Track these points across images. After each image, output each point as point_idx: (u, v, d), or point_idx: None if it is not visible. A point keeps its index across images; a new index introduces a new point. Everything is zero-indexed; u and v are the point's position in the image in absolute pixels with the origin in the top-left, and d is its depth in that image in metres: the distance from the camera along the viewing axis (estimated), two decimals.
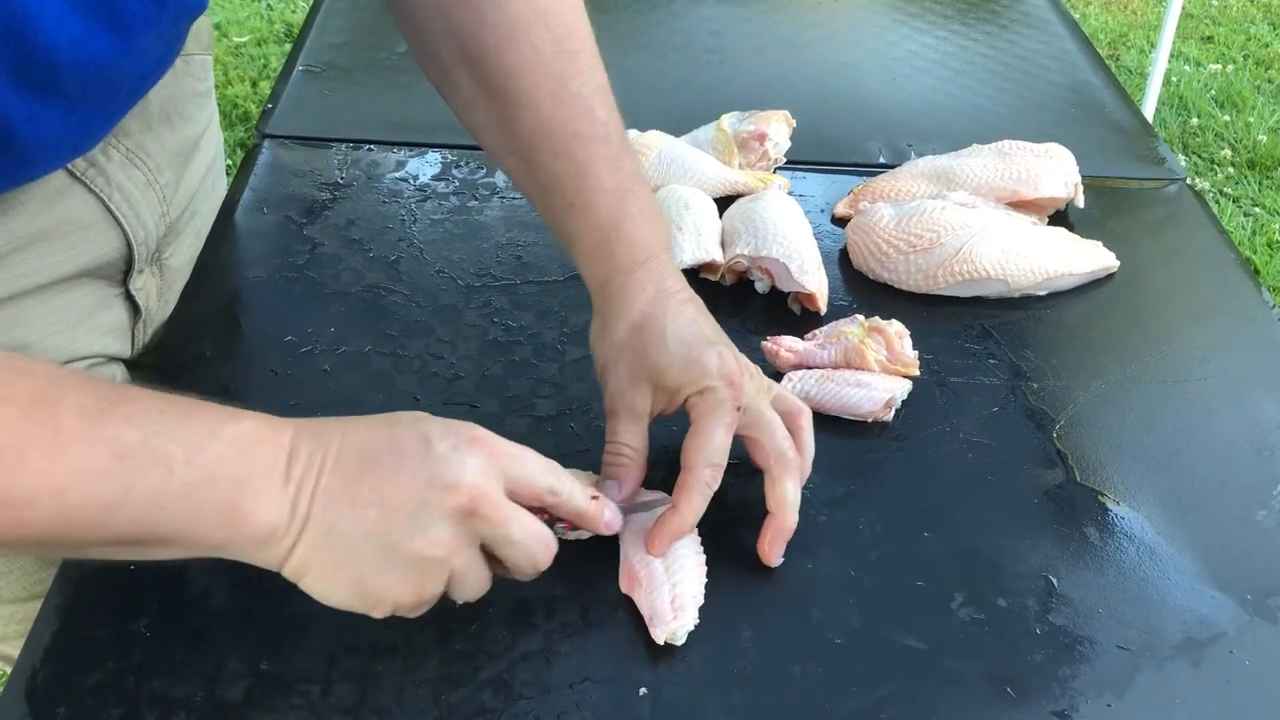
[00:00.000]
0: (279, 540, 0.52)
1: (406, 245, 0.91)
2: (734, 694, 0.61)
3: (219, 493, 0.50)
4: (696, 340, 0.65)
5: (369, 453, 0.54)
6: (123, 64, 0.64)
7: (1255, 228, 2.60)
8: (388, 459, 0.54)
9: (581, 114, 0.68)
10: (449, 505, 0.54)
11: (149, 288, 0.82)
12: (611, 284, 0.67)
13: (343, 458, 0.53)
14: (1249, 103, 3.01)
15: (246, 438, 0.52)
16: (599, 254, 0.68)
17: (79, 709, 0.58)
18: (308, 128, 1.04)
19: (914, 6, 1.33)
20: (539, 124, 0.68)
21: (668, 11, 1.28)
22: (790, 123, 1.01)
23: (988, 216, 0.89)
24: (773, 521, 0.67)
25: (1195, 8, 3.46)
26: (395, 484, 0.53)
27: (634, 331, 0.66)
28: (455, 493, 0.54)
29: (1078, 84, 1.19)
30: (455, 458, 0.54)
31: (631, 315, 0.66)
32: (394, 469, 0.54)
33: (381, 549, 0.53)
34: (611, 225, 0.68)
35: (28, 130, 0.60)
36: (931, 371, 0.81)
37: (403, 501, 0.53)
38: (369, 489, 0.53)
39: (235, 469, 0.51)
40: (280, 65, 2.93)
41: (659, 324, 0.65)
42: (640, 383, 0.66)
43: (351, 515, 0.53)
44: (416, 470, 0.54)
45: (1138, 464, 0.76)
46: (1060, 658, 0.64)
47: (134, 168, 0.75)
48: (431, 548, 0.54)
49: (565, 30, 0.68)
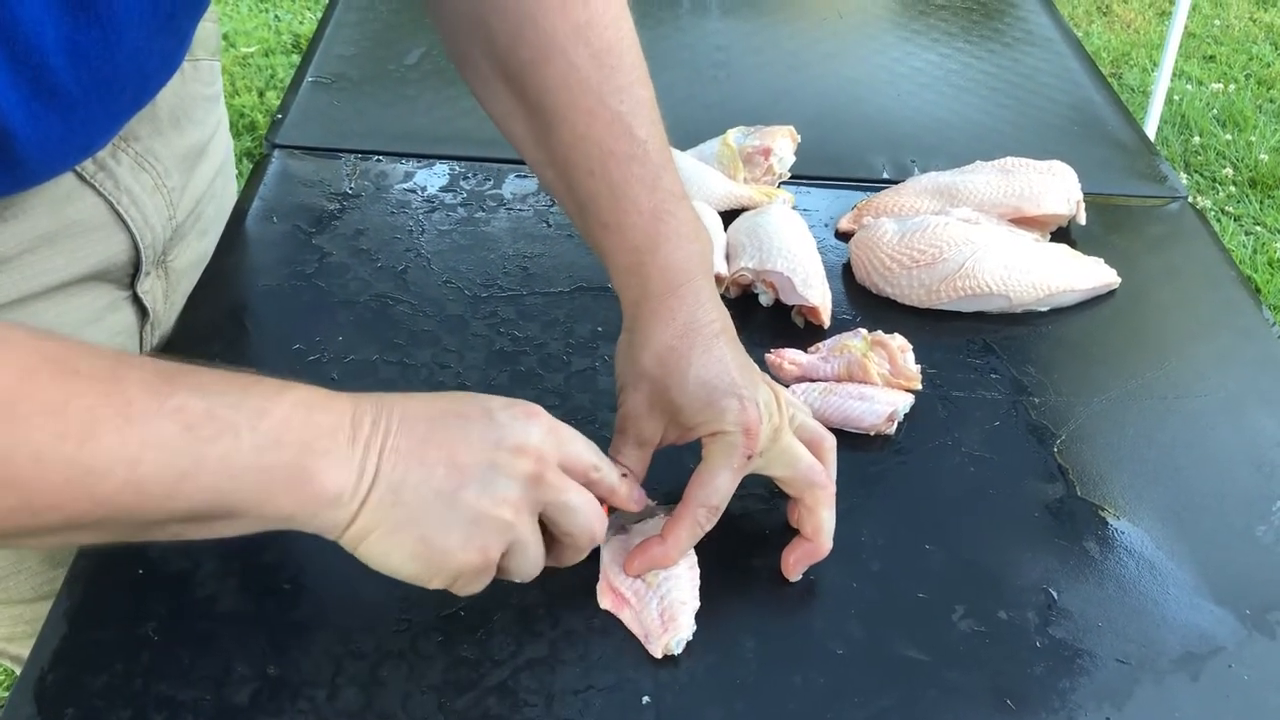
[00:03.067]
0: (346, 502, 0.52)
1: (414, 255, 0.92)
2: (736, 703, 0.61)
3: (287, 456, 0.51)
4: (719, 383, 0.64)
5: (434, 416, 0.55)
6: (118, 60, 0.63)
7: (1256, 246, 2.61)
8: (455, 422, 0.55)
9: (619, 132, 0.67)
10: (517, 468, 0.55)
11: (155, 290, 0.82)
12: (643, 308, 0.67)
13: (407, 420, 0.54)
14: (1251, 122, 3.02)
15: (308, 403, 0.52)
16: (632, 276, 0.67)
17: (87, 710, 0.59)
18: (317, 138, 1.05)
19: (918, 24, 1.34)
20: (575, 141, 0.67)
21: (674, 27, 1.29)
22: (795, 138, 1.02)
23: (990, 232, 0.90)
24: (806, 546, 0.67)
25: (1198, 27, 3.47)
26: (464, 445, 0.55)
27: (658, 362, 0.65)
28: (523, 456, 0.55)
29: (1080, 102, 1.20)
30: (519, 425, 0.56)
31: (658, 345, 0.65)
32: (461, 431, 0.55)
33: (449, 506, 0.54)
34: (646, 249, 0.67)
35: (28, 130, 0.60)
36: (934, 385, 0.82)
37: (472, 462, 0.54)
38: (436, 449, 0.54)
39: (301, 433, 0.51)
40: (287, 76, 2.95)
41: (683, 360, 0.65)
42: (655, 413, 0.66)
43: (420, 472, 0.53)
44: (484, 434, 0.55)
45: (1138, 479, 0.77)
46: (1060, 670, 0.64)
47: (142, 171, 0.76)
48: (498, 507, 0.55)
49: (605, 45, 0.67)
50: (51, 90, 0.59)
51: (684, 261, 0.67)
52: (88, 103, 0.63)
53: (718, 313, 0.67)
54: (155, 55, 0.69)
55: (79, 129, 0.65)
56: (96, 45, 0.60)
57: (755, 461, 0.65)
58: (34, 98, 0.59)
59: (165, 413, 0.48)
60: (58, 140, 0.64)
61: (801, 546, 0.67)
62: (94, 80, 0.62)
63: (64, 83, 0.60)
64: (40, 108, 0.60)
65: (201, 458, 0.48)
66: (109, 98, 0.66)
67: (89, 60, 0.60)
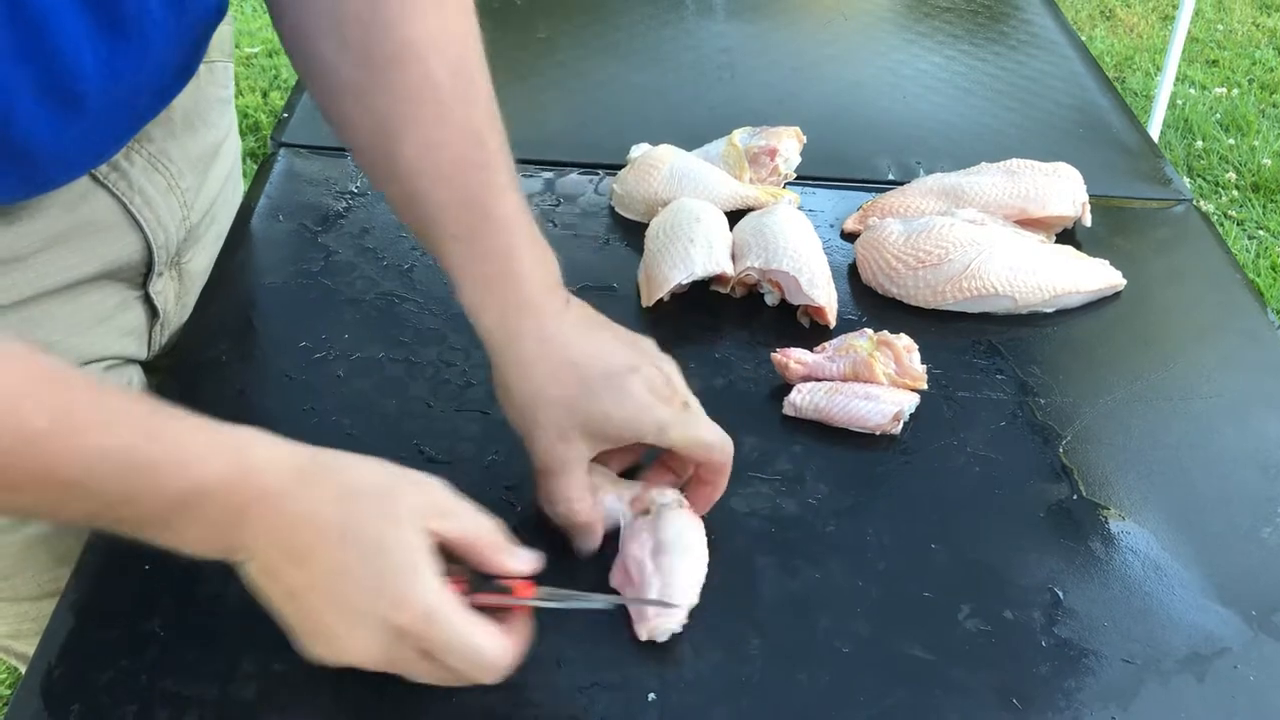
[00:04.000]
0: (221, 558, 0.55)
1: (420, 254, 0.92)
2: (742, 701, 0.61)
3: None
4: (631, 382, 0.63)
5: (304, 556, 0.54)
6: (144, 73, 0.65)
7: (1259, 251, 2.61)
8: (324, 580, 0.54)
9: (471, 141, 0.64)
10: (349, 656, 0.55)
11: (167, 291, 0.83)
12: (508, 323, 0.63)
13: (286, 544, 0.54)
14: (1254, 126, 3.02)
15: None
16: (489, 289, 0.64)
17: (93, 706, 0.59)
18: (323, 137, 1.05)
19: (923, 26, 1.34)
20: (424, 149, 0.64)
21: (679, 29, 1.30)
22: (801, 139, 1.02)
23: (996, 234, 0.90)
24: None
25: (1200, 32, 3.47)
26: (317, 604, 0.54)
27: (553, 381, 0.62)
28: (357, 654, 0.54)
29: (1085, 105, 1.20)
30: (371, 627, 0.54)
31: (548, 361, 0.62)
32: (323, 592, 0.54)
33: (293, 625, 0.55)
34: (503, 256, 0.63)
35: (52, 143, 0.61)
36: (939, 386, 0.82)
37: (315, 620, 0.55)
38: (297, 582, 0.54)
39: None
40: (291, 76, 2.95)
41: (589, 370, 0.62)
42: (573, 439, 0.63)
43: (276, 588, 0.55)
44: (340, 612, 0.54)
45: (1143, 480, 0.76)
46: (1066, 670, 0.64)
47: (156, 172, 0.76)
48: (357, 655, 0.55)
49: (459, 56, 0.65)
50: (80, 106, 0.60)
51: (545, 273, 0.65)
52: (111, 114, 0.64)
53: (583, 309, 0.66)
54: (176, 65, 0.70)
55: (100, 137, 0.66)
56: (126, 62, 0.61)
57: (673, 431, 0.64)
58: (61, 114, 0.59)
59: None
60: (78, 150, 0.65)
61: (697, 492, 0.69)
62: (120, 93, 0.63)
63: (93, 99, 0.60)
64: (65, 123, 0.60)
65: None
66: (130, 108, 0.66)
67: (118, 76, 0.61)
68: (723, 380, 0.82)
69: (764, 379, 0.82)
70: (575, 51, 1.24)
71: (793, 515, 0.72)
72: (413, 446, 0.75)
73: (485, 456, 0.74)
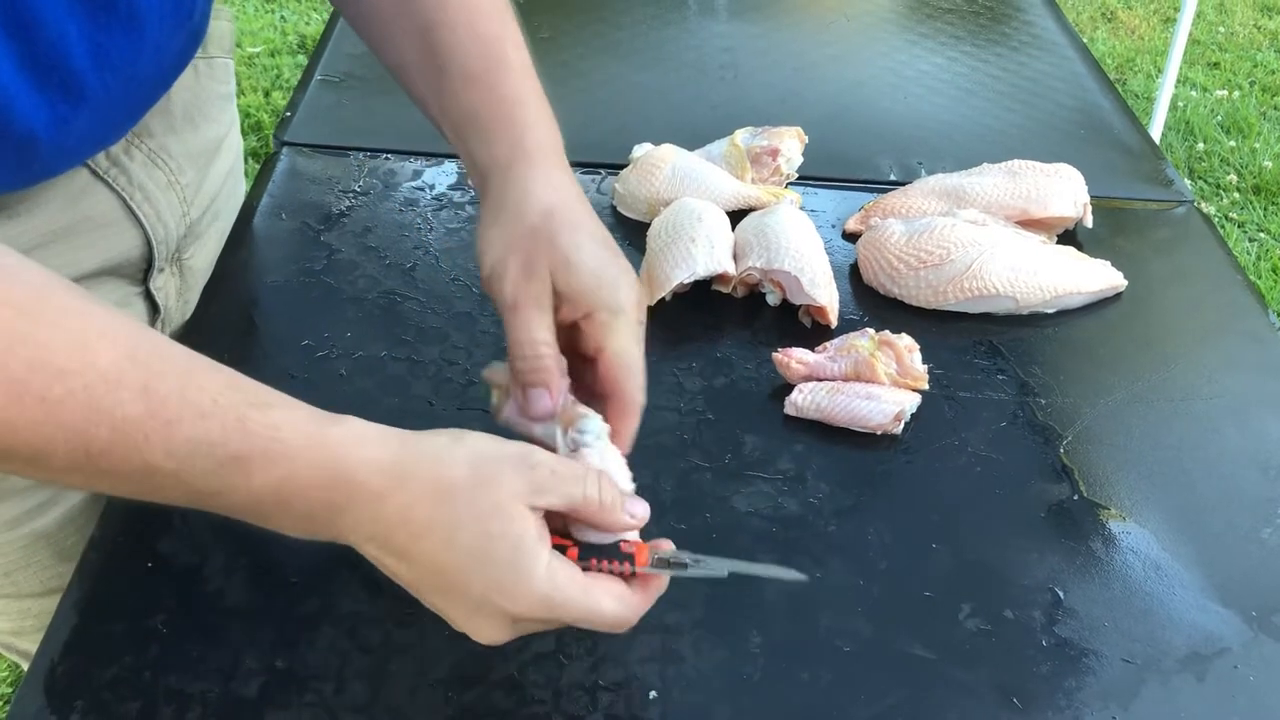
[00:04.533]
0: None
1: (422, 253, 0.92)
2: (743, 699, 0.62)
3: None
4: (611, 256, 0.62)
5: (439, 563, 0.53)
6: (140, 59, 0.64)
7: (1260, 253, 2.61)
8: (430, 578, 0.53)
9: (493, 9, 0.66)
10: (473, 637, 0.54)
11: (168, 287, 0.83)
12: (516, 164, 0.62)
13: (385, 543, 0.52)
14: (1255, 129, 3.02)
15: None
16: (502, 129, 0.63)
17: (96, 702, 0.59)
18: (326, 136, 1.06)
19: (925, 27, 1.34)
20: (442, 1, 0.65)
21: (682, 29, 1.30)
22: (802, 139, 1.02)
23: (997, 234, 0.90)
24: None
25: (1202, 34, 3.48)
26: (428, 596, 0.54)
27: (546, 217, 0.61)
28: (481, 639, 0.54)
29: (1087, 106, 1.20)
30: (490, 616, 0.53)
31: (545, 200, 0.61)
32: (432, 588, 0.53)
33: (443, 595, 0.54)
34: (520, 101, 0.63)
35: (51, 131, 0.61)
36: (940, 386, 0.82)
37: (431, 604, 0.54)
38: (405, 575, 0.53)
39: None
40: (292, 76, 2.96)
41: (571, 221, 0.61)
42: (542, 276, 0.61)
43: (387, 569, 0.53)
44: (452, 605, 0.53)
45: (1144, 480, 0.77)
46: (1066, 669, 0.64)
47: (155, 167, 0.76)
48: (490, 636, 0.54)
49: None
50: (77, 92, 0.60)
51: (553, 133, 0.64)
52: (109, 101, 0.64)
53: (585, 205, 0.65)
54: (173, 51, 0.70)
55: (98, 125, 0.66)
56: (119, 46, 0.61)
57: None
58: (59, 100, 0.59)
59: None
60: (77, 137, 0.65)
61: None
62: (116, 79, 0.63)
63: (88, 84, 0.60)
64: (65, 109, 0.60)
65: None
66: (129, 94, 0.66)
67: (112, 61, 0.61)
68: (724, 379, 0.82)
69: (765, 378, 0.82)
70: (577, 51, 1.24)
71: (794, 514, 0.72)
72: None
73: None
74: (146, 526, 0.68)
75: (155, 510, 0.69)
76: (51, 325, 0.46)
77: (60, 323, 0.46)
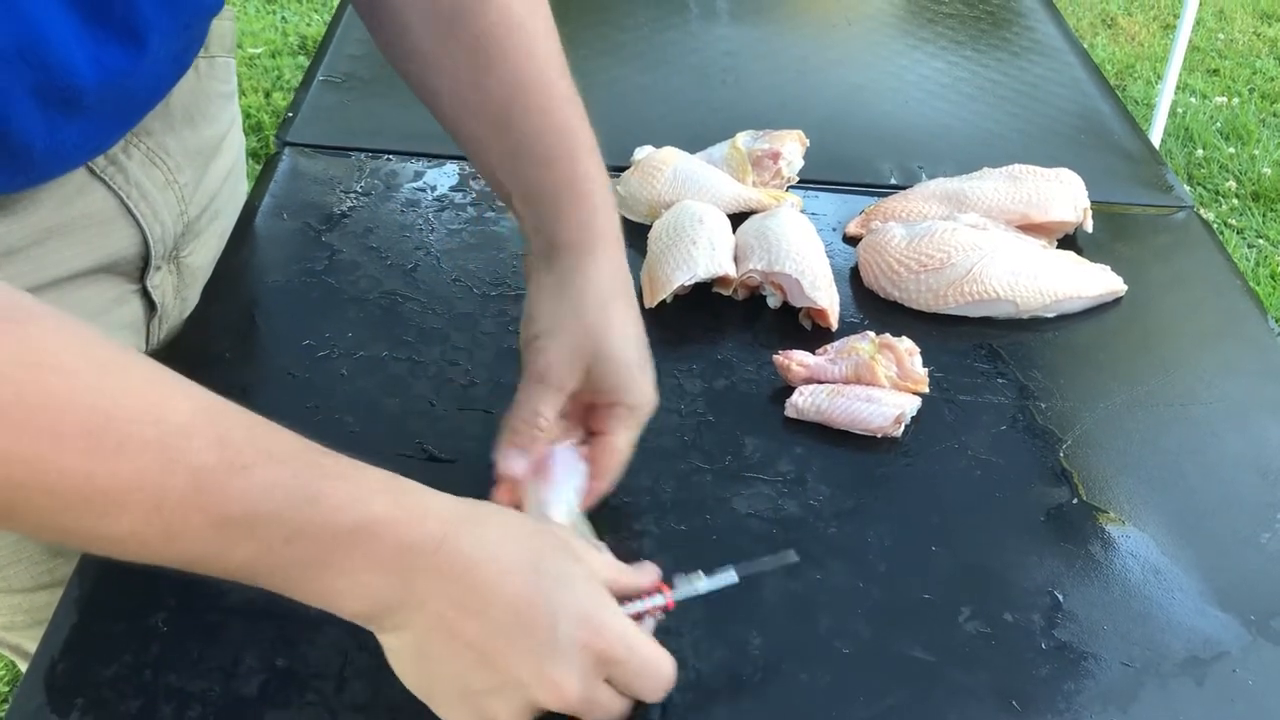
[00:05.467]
0: (366, 621, 0.53)
1: (424, 254, 0.92)
2: (742, 701, 0.62)
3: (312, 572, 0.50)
4: (636, 355, 0.66)
5: (493, 586, 0.52)
6: (139, 72, 0.65)
7: (1259, 260, 2.61)
8: (509, 614, 0.51)
9: (558, 74, 0.68)
10: (540, 699, 0.52)
11: (165, 285, 0.83)
12: (583, 245, 0.65)
13: (460, 573, 0.51)
14: (1254, 135, 3.03)
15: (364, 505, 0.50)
16: (573, 209, 0.65)
17: (96, 700, 0.59)
18: (327, 136, 1.06)
19: (926, 32, 1.35)
20: (516, 80, 0.66)
21: (683, 31, 1.30)
22: (804, 142, 1.02)
23: (998, 238, 0.90)
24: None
25: (1202, 40, 3.48)
26: (506, 648, 0.52)
27: (601, 310, 0.64)
28: (555, 691, 0.52)
29: (1087, 111, 1.20)
30: (572, 656, 0.52)
31: (601, 291, 0.64)
32: (510, 630, 0.51)
33: (460, 693, 0.53)
34: (593, 180, 0.66)
35: (47, 142, 0.61)
36: (941, 389, 0.82)
37: (504, 669, 0.52)
38: (476, 630, 0.51)
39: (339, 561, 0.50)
40: (293, 77, 2.96)
41: (622, 318, 0.64)
42: (579, 369, 0.64)
43: (448, 648, 0.52)
44: (530, 649, 0.51)
45: (1143, 484, 0.77)
46: (1065, 673, 0.64)
47: (153, 166, 0.76)
48: (507, 717, 0.53)
49: (529, 4, 0.69)
50: (76, 104, 0.60)
51: (616, 214, 0.67)
52: (105, 110, 0.64)
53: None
54: (171, 59, 0.70)
55: (94, 135, 0.66)
56: (120, 59, 0.61)
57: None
58: (57, 112, 0.60)
59: (202, 509, 0.47)
60: (74, 146, 0.65)
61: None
62: (114, 92, 0.63)
63: (88, 96, 0.61)
64: (62, 120, 0.60)
65: (222, 554, 0.48)
66: (126, 103, 0.66)
67: (111, 74, 0.61)
68: (725, 382, 0.82)
69: (766, 381, 0.82)
70: (579, 53, 1.24)
71: (794, 516, 0.72)
72: (416, 445, 0.75)
73: (489, 456, 0.74)
74: None
75: None
76: (125, 378, 0.47)
77: (133, 375, 0.48)
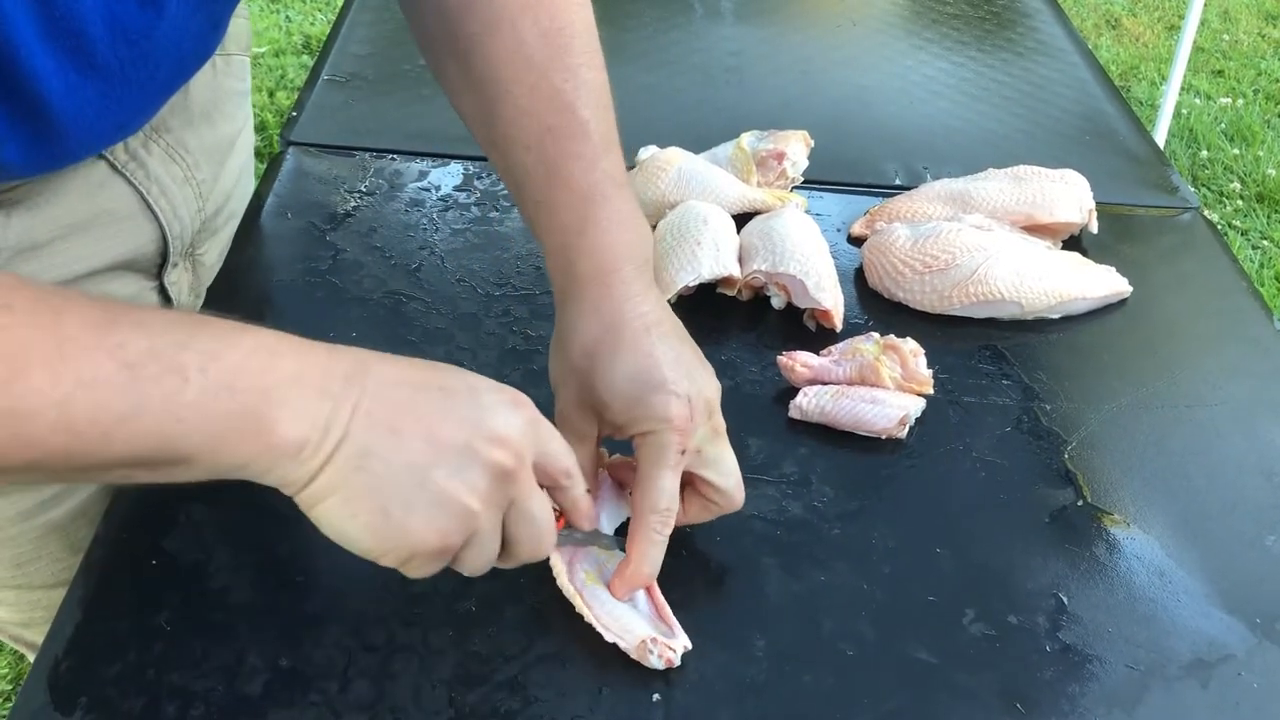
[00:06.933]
0: (307, 458, 0.50)
1: (428, 253, 0.92)
2: (746, 702, 0.62)
3: (241, 402, 0.48)
4: (647, 379, 0.62)
5: (415, 384, 0.53)
6: (156, 36, 0.63)
7: (1264, 261, 2.61)
8: (437, 395, 0.53)
9: (560, 108, 0.65)
10: (493, 458, 0.53)
11: (182, 282, 0.83)
12: (569, 296, 0.64)
13: (386, 384, 0.52)
14: (1259, 137, 3.02)
15: (270, 349, 0.50)
16: (559, 259, 0.65)
17: (100, 699, 0.59)
18: (332, 136, 1.06)
19: (930, 33, 1.35)
20: (516, 116, 0.65)
21: (688, 31, 1.30)
22: (808, 143, 1.02)
23: (1003, 239, 0.90)
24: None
25: (1206, 41, 3.48)
26: (443, 422, 0.52)
27: (585, 356, 0.63)
28: (501, 447, 0.53)
29: (1092, 112, 1.20)
30: (503, 412, 0.54)
31: (584, 338, 0.63)
32: (442, 406, 0.52)
33: (417, 483, 0.52)
34: (574, 229, 0.64)
35: (65, 101, 0.59)
36: (945, 390, 0.82)
37: (449, 441, 0.52)
38: (413, 420, 0.52)
39: (259, 379, 0.48)
40: (297, 76, 2.96)
41: (609, 355, 0.62)
42: (586, 410, 0.64)
43: (392, 441, 0.51)
44: (465, 413, 0.53)
45: (1148, 486, 0.77)
46: (1070, 675, 0.64)
47: (173, 162, 0.77)
48: (467, 495, 0.52)
49: (556, 25, 0.66)
50: (90, 61, 0.59)
51: (613, 248, 0.64)
52: (125, 77, 0.63)
53: (650, 305, 0.64)
54: (192, 35, 0.69)
55: (115, 104, 0.65)
56: (135, 18, 0.60)
57: (691, 457, 0.63)
58: (72, 68, 0.58)
59: (103, 350, 0.45)
60: (94, 114, 0.63)
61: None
62: (132, 54, 0.62)
63: (102, 54, 0.59)
64: (78, 78, 0.59)
65: (143, 400, 0.46)
66: (146, 74, 0.65)
67: (127, 33, 0.60)
68: (729, 383, 0.82)
69: (770, 382, 0.82)
70: None
71: (798, 518, 0.72)
72: None
73: None
74: (151, 524, 0.68)
75: (160, 507, 0.69)
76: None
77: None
